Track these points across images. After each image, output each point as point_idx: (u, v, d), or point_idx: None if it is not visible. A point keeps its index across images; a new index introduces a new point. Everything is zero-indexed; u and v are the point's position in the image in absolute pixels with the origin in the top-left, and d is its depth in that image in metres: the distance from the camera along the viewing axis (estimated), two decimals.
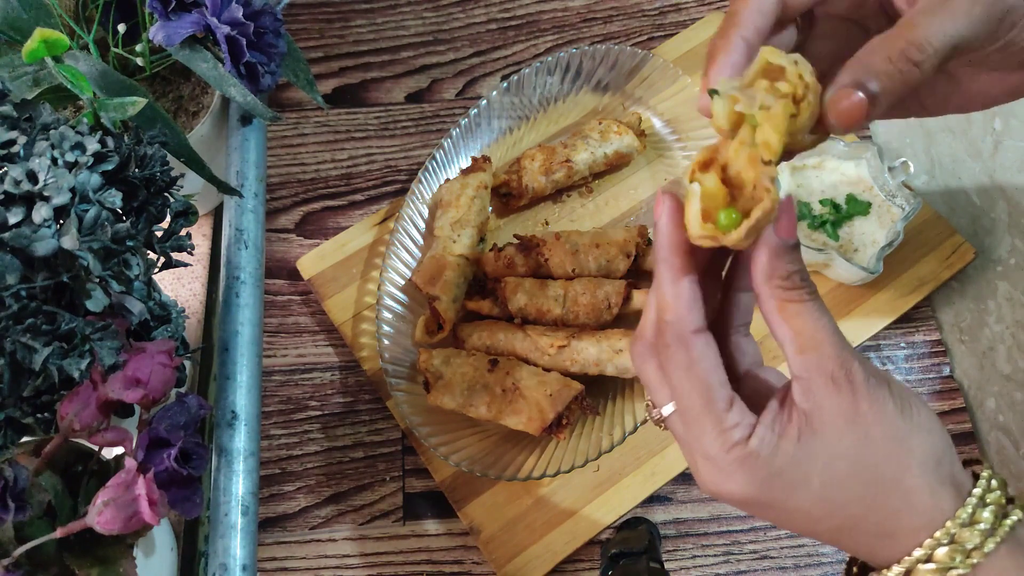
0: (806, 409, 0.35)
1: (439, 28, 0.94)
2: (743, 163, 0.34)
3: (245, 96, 0.60)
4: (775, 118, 0.32)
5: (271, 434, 0.76)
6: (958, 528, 0.34)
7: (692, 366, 0.36)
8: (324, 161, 0.88)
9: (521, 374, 0.69)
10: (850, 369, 0.35)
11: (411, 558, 0.71)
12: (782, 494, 0.35)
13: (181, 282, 0.78)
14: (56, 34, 0.52)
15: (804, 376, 0.35)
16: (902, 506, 0.35)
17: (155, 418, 0.47)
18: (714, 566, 0.70)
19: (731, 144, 0.34)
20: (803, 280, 0.36)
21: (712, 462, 0.36)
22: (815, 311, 0.35)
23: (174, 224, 0.52)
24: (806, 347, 0.35)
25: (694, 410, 0.36)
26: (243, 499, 0.52)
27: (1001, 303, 0.73)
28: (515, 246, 0.76)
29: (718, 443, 0.36)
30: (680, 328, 0.37)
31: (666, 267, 0.37)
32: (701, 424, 0.36)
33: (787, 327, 0.36)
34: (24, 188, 0.44)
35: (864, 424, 0.34)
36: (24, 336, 0.42)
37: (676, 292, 0.37)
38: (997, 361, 0.73)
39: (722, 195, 0.34)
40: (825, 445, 0.35)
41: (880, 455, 0.35)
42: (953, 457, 0.36)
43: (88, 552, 0.46)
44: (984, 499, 0.35)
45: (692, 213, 0.35)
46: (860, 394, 0.34)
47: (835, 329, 0.35)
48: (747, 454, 0.35)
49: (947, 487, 0.35)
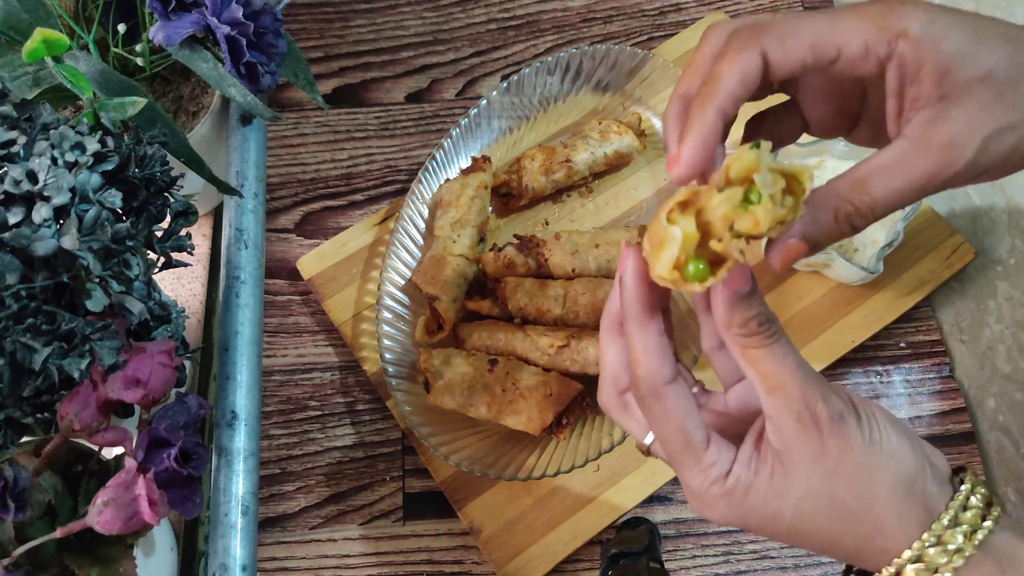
0: (777, 448, 0.37)
1: (439, 28, 0.94)
2: (718, 218, 0.34)
3: (245, 96, 0.60)
4: (770, 209, 0.33)
5: (271, 434, 0.76)
6: (924, 549, 0.35)
7: (669, 416, 0.38)
8: (324, 161, 0.88)
9: (521, 374, 0.69)
10: (814, 409, 0.36)
11: (411, 558, 0.71)
12: (759, 524, 0.38)
13: (181, 282, 0.78)
14: (56, 34, 0.52)
15: (774, 416, 0.36)
16: (872, 532, 0.36)
17: (155, 418, 0.47)
18: (714, 566, 0.70)
19: (714, 195, 0.34)
20: (761, 324, 0.36)
21: (696, 496, 0.39)
22: (777, 352, 0.36)
23: (174, 224, 0.52)
24: (772, 389, 0.36)
25: (675, 452, 0.39)
26: (243, 499, 0.52)
27: (1001, 303, 0.73)
28: (515, 246, 0.76)
29: (699, 480, 0.38)
30: (653, 382, 0.38)
31: (634, 324, 0.38)
32: (682, 463, 0.39)
33: (753, 371, 0.37)
34: (24, 188, 0.44)
35: (830, 460, 0.36)
36: (24, 336, 0.42)
37: (646, 347, 0.38)
38: (997, 361, 0.73)
39: (694, 241, 0.35)
40: (795, 483, 0.36)
41: (846, 489, 0.36)
42: (926, 478, 0.37)
43: (88, 552, 0.46)
44: (956, 518, 0.36)
45: (666, 257, 0.35)
46: (825, 432, 0.36)
47: (798, 366, 0.36)
48: (725, 491, 0.38)
49: (916, 511, 0.36)
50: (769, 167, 0.33)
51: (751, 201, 0.33)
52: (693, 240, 0.34)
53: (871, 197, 0.35)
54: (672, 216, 0.35)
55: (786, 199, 0.34)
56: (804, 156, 0.77)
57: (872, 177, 0.35)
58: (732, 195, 0.34)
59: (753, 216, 0.33)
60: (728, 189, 0.34)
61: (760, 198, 0.33)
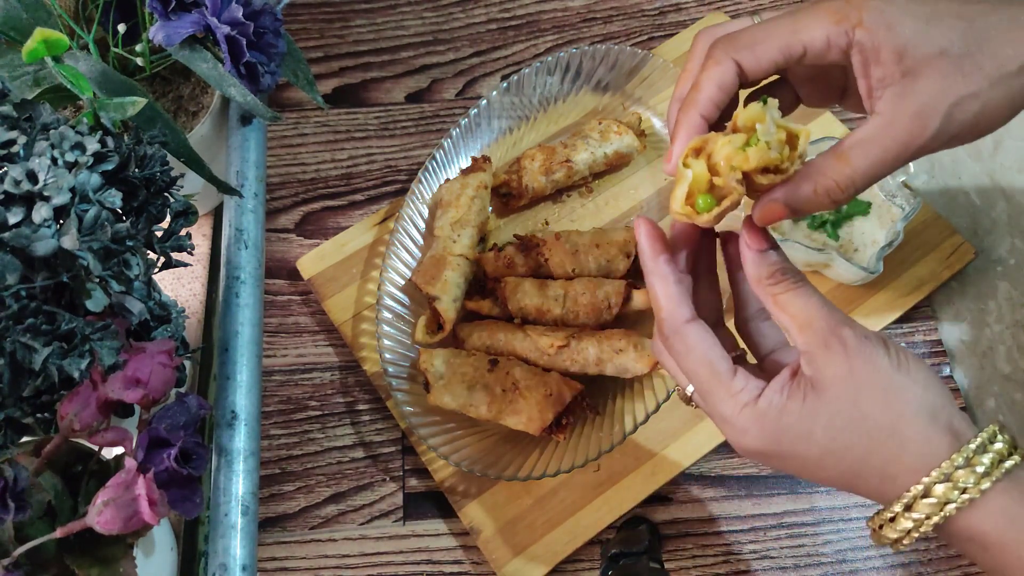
0: (810, 375, 0.40)
1: (439, 28, 0.94)
2: (723, 158, 0.40)
3: (245, 96, 0.60)
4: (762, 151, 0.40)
5: (271, 434, 0.76)
6: (953, 469, 0.38)
7: (691, 350, 0.43)
8: (324, 161, 0.88)
9: (521, 374, 0.69)
10: (840, 334, 0.40)
11: (411, 558, 0.71)
12: (791, 446, 0.41)
13: (181, 282, 0.78)
14: (56, 34, 0.52)
15: (806, 350, 0.41)
16: (899, 451, 0.39)
17: (155, 418, 0.47)
18: (714, 566, 0.70)
19: (720, 140, 0.41)
20: (785, 273, 0.42)
21: (729, 423, 0.42)
22: (803, 294, 0.42)
23: (174, 224, 0.52)
24: (803, 326, 0.41)
25: (704, 384, 0.43)
26: (243, 499, 0.52)
27: (1001, 303, 0.73)
28: (515, 246, 0.76)
29: (729, 406, 0.42)
30: (673, 322, 0.44)
31: (652, 275, 0.45)
32: (713, 393, 0.43)
33: (784, 314, 0.42)
34: (24, 188, 0.44)
35: (858, 379, 0.39)
36: (24, 336, 0.42)
37: (665, 293, 0.44)
38: (997, 361, 0.73)
39: (705, 180, 0.41)
40: (826, 402, 0.40)
41: (874, 405, 0.39)
42: (952, 410, 0.40)
43: (88, 552, 0.46)
44: (984, 447, 0.38)
45: (679, 193, 0.41)
46: (852, 353, 0.39)
47: (823, 303, 0.41)
48: (758, 413, 0.41)
49: (943, 435, 0.39)
50: (775, 122, 0.40)
51: (751, 145, 0.40)
52: (703, 180, 0.41)
53: (851, 168, 0.40)
54: (687, 161, 0.42)
55: (784, 150, 0.40)
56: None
57: (852, 151, 0.40)
58: (735, 140, 0.40)
59: (746, 155, 0.40)
60: (733, 135, 0.41)
61: (758, 143, 0.40)
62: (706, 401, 0.44)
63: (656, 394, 0.70)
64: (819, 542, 0.71)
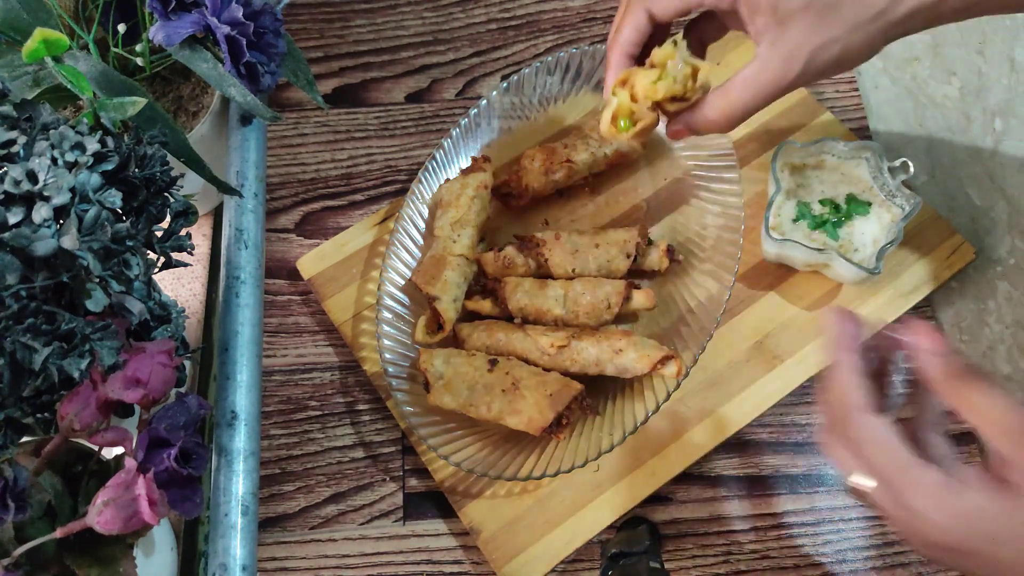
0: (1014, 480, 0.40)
1: (439, 28, 0.94)
2: (640, 89, 0.53)
3: (245, 96, 0.60)
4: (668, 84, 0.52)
5: (271, 434, 0.76)
6: None
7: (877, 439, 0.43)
8: (324, 161, 0.88)
9: (521, 374, 0.69)
10: None
11: (411, 558, 0.71)
12: (988, 547, 0.40)
13: (181, 282, 0.78)
14: (56, 34, 0.52)
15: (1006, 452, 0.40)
16: None
17: (155, 418, 0.47)
18: (714, 566, 0.70)
19: (640, 74, 0.53)
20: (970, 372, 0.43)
21: (921, 517, 0.41)
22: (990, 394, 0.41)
23: (174, 224, 0.52)
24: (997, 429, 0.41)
25: (894, 474, 0.42)
26: (243, 499, 0.52)
27: (1001, 303, 0.73)
28: (515, 246, 0.76)
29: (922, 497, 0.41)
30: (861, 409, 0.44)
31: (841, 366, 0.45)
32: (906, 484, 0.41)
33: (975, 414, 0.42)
34: (24, 188, 0.44)
35: None
36: (24, 336, 0.42)
37: (854, 382, 0.45)
38: (997, 361, 0.73)
39: (627, 108, 0.53)
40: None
41: None
42: None
43: (88, 552, 0.46)
44: None
45: (606, 116, 0.54)
46: None
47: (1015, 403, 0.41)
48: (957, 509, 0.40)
49: None
50: (683, 59, 0.52)
51: (662, 80, 0.52)
52: (626, 107, 0.54)
53: (731, 101, 0.51)
54: (615, 90, 0.54)
55: (688, 82, 0.52)
56: (804, 156, 0.78)
57: (733, 87, 0.51)
58: (650, 74, 0.53)
59: (655, 87, 0.52)
60: (649, 70, 0.53)
61: (667, 78, 0.52)
62: (894, 490, 0.42)
63: (656, 394, 0.70)
64: (819, 542, 0.71)
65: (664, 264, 0.75)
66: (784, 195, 0.77)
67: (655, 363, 0.68)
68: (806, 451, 0.74)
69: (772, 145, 0.82)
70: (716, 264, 0.75)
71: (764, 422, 0.74)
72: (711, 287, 0.74)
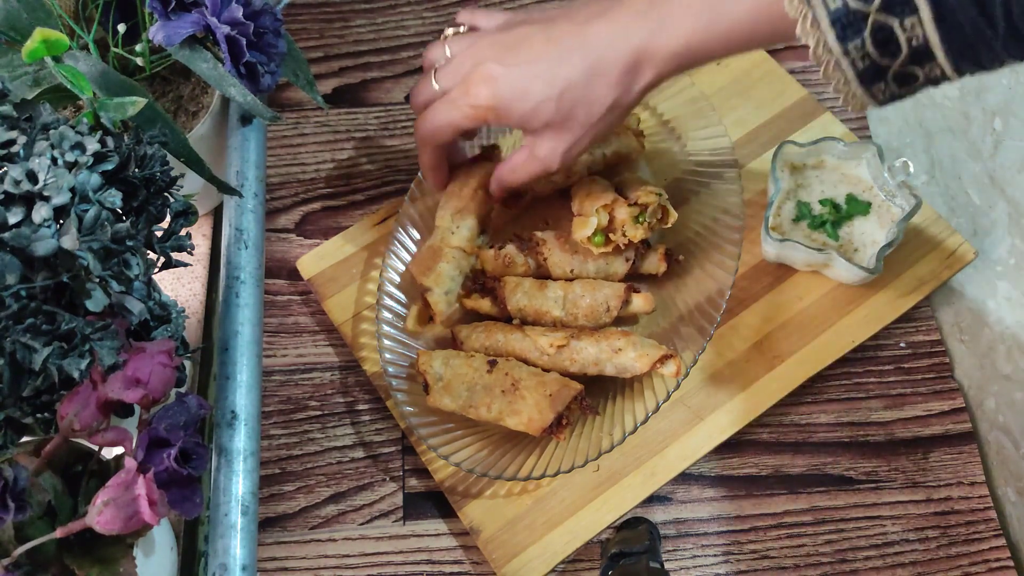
0: None
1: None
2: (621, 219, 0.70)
3: (245, 96, 0.60)
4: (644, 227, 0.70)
5: (271, 434, 0.76)
6: None
7: None
8: (324, 161, 0.88)
9: (520, 374, 0.69)
10: None
11: (411, 558, 0.71)
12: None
13: (181, 282, 0.78)
14: (56, 34, 0.52)
15: None
16: None
17: (155, 418, 0.47)
18: (714, 566, 0.70)
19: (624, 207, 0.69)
20: None
21: None
22: None
23: (174, 224, 0.52)
24: None
25: None
26: (243, 499, 0.52)
27: (1001, 303, 0.73)
28: (515, 244, 0.76)
29: None
30: None
31: None
32: None
33: None
34: (24, 188, 0.44)
35: None
36: (24, 336, 0.42)
37: None
38: (997, 361, 0.73)
39: (602, 226, 0.70)
40: None
41: None
42: None
43: (88, 552, 0.46)
44: None
45: (585, 231, 0.70)
46: None
47: None
48: None
49: None
50: (659, 204, 0.70)
51: (640, 219, 0.70)
52: (602, 226, 0.70)
53: (507, 180, 0.68)
54: (599, 210, 0.69)
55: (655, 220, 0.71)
56: (804, 156, 0.78)
57: (506, 170, 0.67)
58: (632, 211, 0.69)
59: (636, 230, 0.69)
60: (632, 207, 0.69)
61: (644, 220, 0.70)
62: None
63: (656, 394, 0.70)
64: (819, 542, 0.71)
65: (663, 268, 0.75)
66: (784, 195, 0.77)
67: (654, 362, 0.68)
68: (806, 451, 0.74)
69: (772, 145, 0.82)
70: (716, 264, 0.75)
71: (764, 422, 0.74)
72: (711, 287, 0.74)
